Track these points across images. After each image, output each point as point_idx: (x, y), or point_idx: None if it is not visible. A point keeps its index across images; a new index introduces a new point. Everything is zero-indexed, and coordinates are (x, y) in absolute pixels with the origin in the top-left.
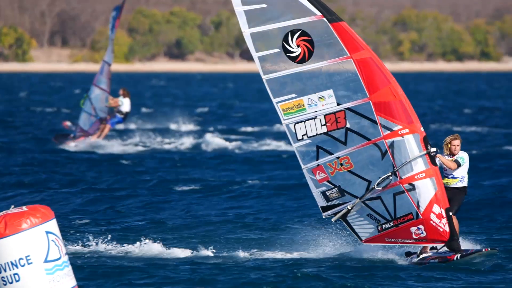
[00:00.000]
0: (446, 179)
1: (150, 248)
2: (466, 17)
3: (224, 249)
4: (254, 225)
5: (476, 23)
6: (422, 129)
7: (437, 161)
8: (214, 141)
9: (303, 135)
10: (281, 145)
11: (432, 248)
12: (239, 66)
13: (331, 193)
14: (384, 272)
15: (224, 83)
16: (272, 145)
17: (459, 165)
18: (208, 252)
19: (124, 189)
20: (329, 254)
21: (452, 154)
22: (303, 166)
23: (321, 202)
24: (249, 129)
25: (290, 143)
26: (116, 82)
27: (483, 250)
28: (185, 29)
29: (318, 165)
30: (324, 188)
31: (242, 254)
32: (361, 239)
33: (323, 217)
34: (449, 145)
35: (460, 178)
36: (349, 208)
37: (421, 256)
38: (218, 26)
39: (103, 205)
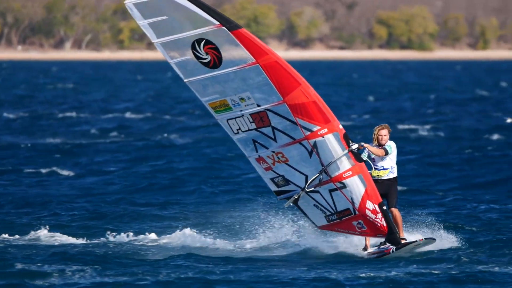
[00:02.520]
0: (377, 171)
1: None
2: None
3: None
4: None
5: None
6: (340, 126)
7: (366, 151)
8: None
9: (237, 130)
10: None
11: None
12: None
13: (278, 180)
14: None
15: None
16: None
17: (387, 152)
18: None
19: None
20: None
21: (380, 144)
22: (247, 156)
23: (272, 187)
24: None
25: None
26: None
27: (418, 240)
28: None
29: (259, 156)
30: (271, 176)
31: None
32: (316, 225)
33: (278, 200)
34: (376, 135)
35: (390, 169)
36: (296, 197)
37: (367, 251)
38: None
39: None
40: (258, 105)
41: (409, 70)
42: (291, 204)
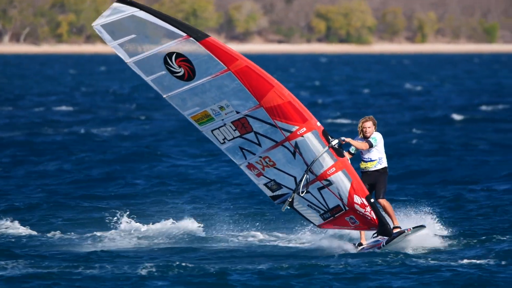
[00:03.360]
0: (364, 163)
1: None
2: None
3: None
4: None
5: None
6: (318, 123)
7: (353, 147)
8: None
9: (223, 139)
10: None
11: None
12: None
13: (271, 185)
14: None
15: None
16: None
17: (371, 145)
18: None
19: None
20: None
21: (365, 136)
22: (238, 164)
23: (268, 192)
24: None
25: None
26: None
27: (406, 231)
28: None
29: (249, 163)
30: (264, 181)
31: None
32: (315, 225)
33: (275, 204)
34: (361, 128)
35: (378, 160)
36: (290, 200)
37: (360, 247)
38: None
39: None
40: (237, 112)
41: (346, 64)
42: (288, 207)
